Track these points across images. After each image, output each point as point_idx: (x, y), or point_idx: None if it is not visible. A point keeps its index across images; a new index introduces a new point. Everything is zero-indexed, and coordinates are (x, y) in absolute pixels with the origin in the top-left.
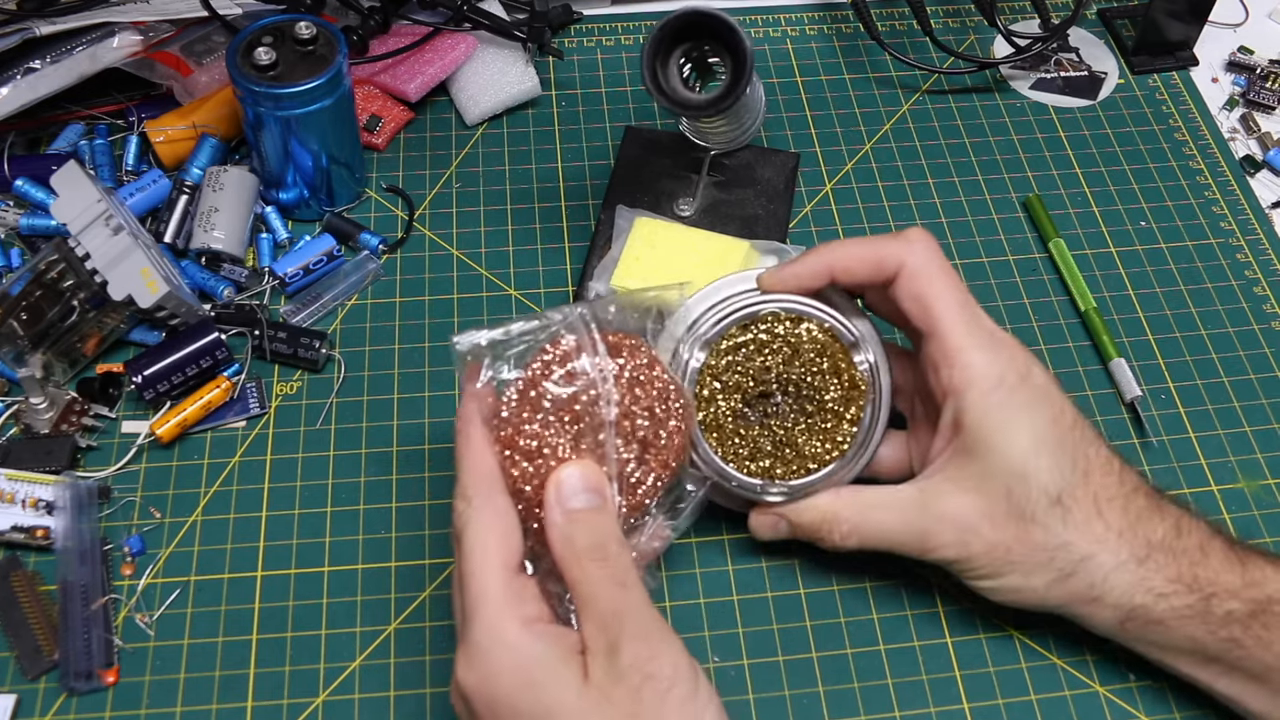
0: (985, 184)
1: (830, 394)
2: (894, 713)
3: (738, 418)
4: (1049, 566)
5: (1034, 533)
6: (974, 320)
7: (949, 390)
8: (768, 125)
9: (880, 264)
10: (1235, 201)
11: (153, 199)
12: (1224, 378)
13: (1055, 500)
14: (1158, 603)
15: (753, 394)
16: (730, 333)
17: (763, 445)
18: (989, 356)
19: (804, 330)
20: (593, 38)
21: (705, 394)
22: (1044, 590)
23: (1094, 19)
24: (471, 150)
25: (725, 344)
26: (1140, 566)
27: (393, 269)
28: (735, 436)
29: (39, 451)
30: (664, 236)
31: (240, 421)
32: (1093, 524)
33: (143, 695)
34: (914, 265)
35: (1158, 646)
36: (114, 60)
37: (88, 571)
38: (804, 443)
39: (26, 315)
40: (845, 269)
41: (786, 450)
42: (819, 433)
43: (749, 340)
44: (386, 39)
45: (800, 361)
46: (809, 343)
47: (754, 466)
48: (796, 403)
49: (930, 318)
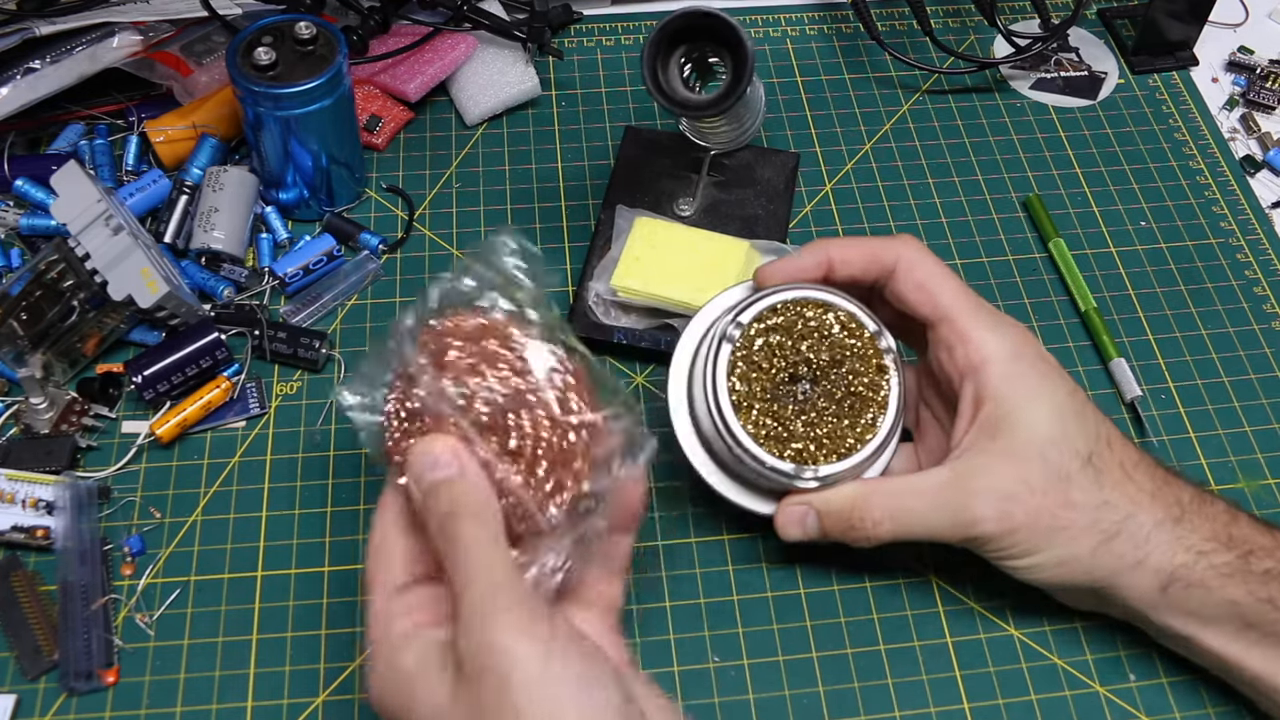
0: (985, 184)
1: (860, 379)
2: (894, 713)
3: (769, 401)
4: (1093, 529)
5: (1073, 493)
6: (980, 303)
7: (967, 369)
8: (768, 125)
9: (877, 256)
10: (1235, 201)
11: (153, 199)
12: (1224, 378)
13: (1086, 460)
14: (1198, 561)
15: (784, 377)
16: (761, 314)
17: (795, 429)
18: (1001, 333)
19: (831, 317)
20: (593, 38)
21: (737, 376)
22: (1089, 559)
23: (1094, 19)
24: (471, 150)
25: (756, 326)
26: (1177, 525)
27: (393, 269)
28: (767, 418)
29: (39, 451)
30: (664, 236)
31: (240, 421)
32: (1125, 485)
33: (143, 695)
34: (911, 257)
35: (1196, 617)
36: (114, 60)
37: (88, 571)
38: (835, 427)
39: (26, 315)
40: (844, 260)
41: (820, 434)
42: (850, 418)
43: (778, 324)
44: (386, 39)
45: (828, 346)
46: (837, 327)
47: (787, 451)
48: (826, 388)
49: (938, 302)
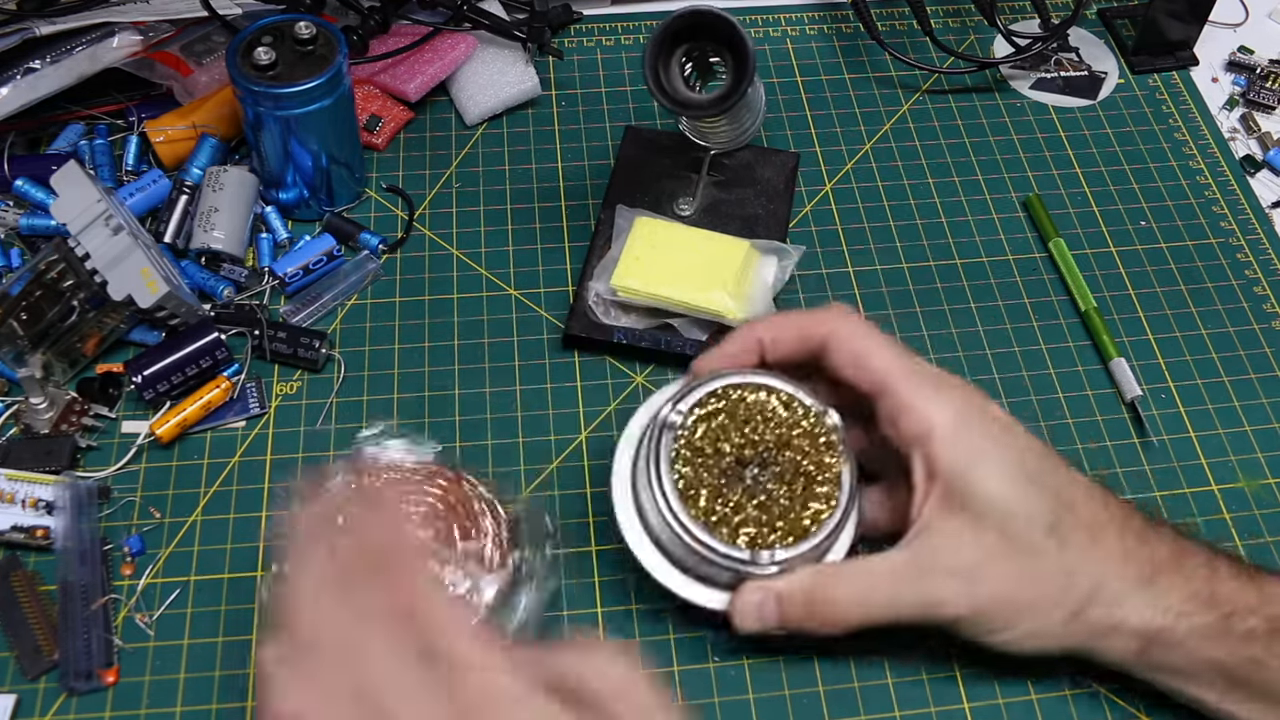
0: (985, 184)
1: (809, 458)
2: (894, 713)
3: (718, 487)
4: (1062, 602)
5: (1039, 565)
6: (918, 367)
7: (913, 440)
8: (768, 125)
9: (805, 333)
10: (1235, 201)
11: (153, 199)
12: (1224, 378)
13: (1050, 529)
14: (1178, 623)
15: (730, 462)
16: (702, 399)
17: (748, 514)
18: (943, 399)
19: (773, 399)
20: (593, 38)
21: (680, 464)
22: (1062, 629)
23: (1094, 19)
24: (471, 150)
25: (697, 412)
26: (1150, 587)
27: (393, 269)
28: (717, 504)
29: (39, 451)
30: (664, 236)
31: (240, 421)
32: (1091, 550)
33: (143, 695)
34: (842, 330)
35: (1180, 675)
36: (114, 60)
37: (88, 571)
38: (788, 509)
39: (26, 315)
40: (773, 340)
41: (772, 517)
42: (802, 499)
43: (720, 408)
44: (386, 39)
45: (772, 427)
46: (780, 409)
47: (740, 537)
48: (775, 471)
49: (873, 374)
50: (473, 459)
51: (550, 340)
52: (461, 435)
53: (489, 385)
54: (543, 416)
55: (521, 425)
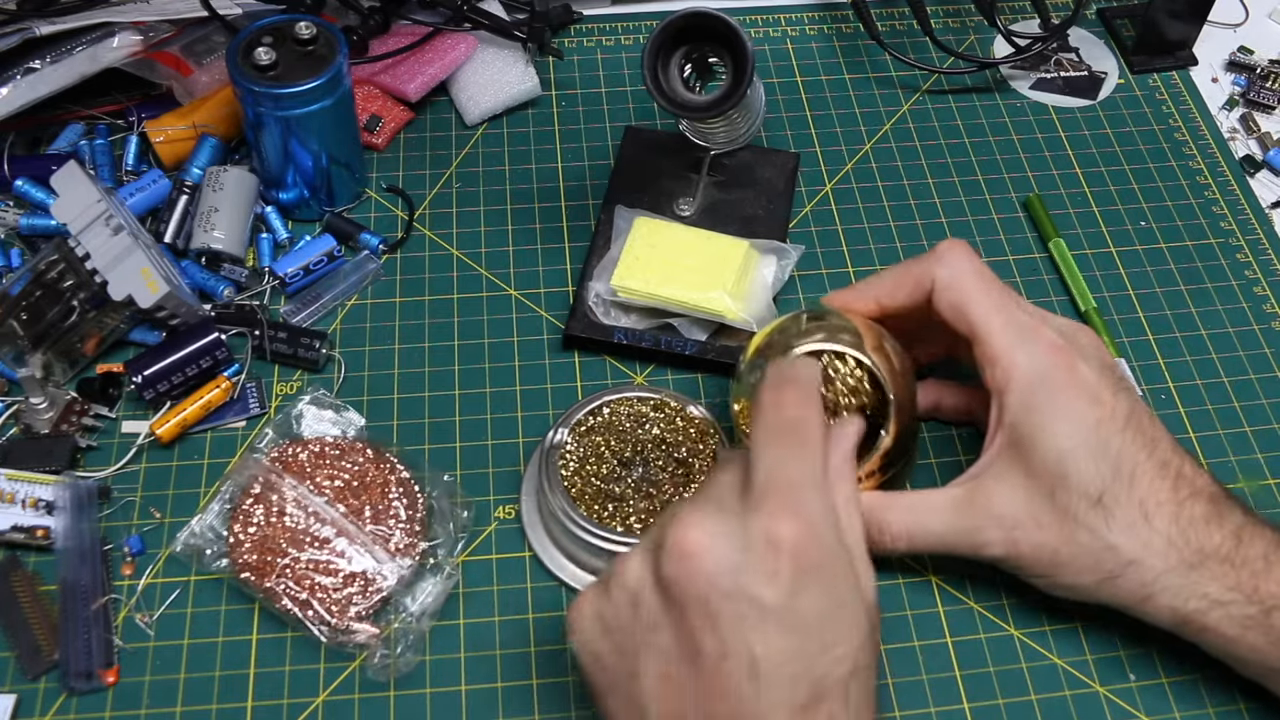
0: (985, 184)
1: (684, 449)
2: (894, 713)
3: (607, 485)
4: (1096, 569)
5: (1079, 534)
6: (1013, 319)
7: (995, 390)
8: (768, 125)
9: (916, 283)
10: (1235, 201)
11: (153, 199)
12: (1224, 378)
13: (1096, 502)
14: (1212, 609)
15: (614, 465)
16: (580, 420)
17: (635, 505)
18: (1029, 351)
19: (644, 406)
20: (593, 38)
21: (570, 473)
22: (1094, 589)
23: (1094, 19)
24: (471, 150)
25: (582, 426)
26: (1192, 572)
27: (393, 269)
28: (609, 502)
29: (39, 451)
30: (664, 236)
31: (240, 421)
32: (1138, 528)
33: (143, 695)
34: (944, 277)
35: (1221, 651)
36: (114, 60)
37: (88, 571)
38: (673, 494)
39: (26, 315)
40: (889, 294)
41: (660, 504)
42: (683, 482)
43: (597, 424)
44: (386, 39)
45: (647, 430)
46: (649, 412)
47: (636, 526)
48: (657, 465)
49: (968, 323)
50: (473, 459)
51: (550, 340)
52: (461, 435)
53: (489, 385)
54: (543, 417)
55: (521, 425)
